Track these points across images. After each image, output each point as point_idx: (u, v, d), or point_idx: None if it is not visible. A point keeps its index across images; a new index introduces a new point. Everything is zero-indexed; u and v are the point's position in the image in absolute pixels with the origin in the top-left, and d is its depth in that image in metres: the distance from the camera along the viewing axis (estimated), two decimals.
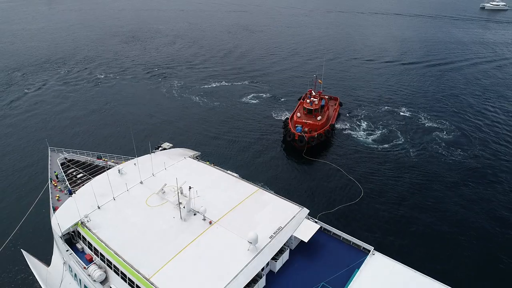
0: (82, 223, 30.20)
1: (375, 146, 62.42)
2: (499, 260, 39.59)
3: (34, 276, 38.31)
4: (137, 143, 46.94)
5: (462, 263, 39.21)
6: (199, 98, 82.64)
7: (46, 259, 38.37)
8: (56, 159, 44.10)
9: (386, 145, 62.54)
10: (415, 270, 27.33)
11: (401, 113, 74.27)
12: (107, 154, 45.34)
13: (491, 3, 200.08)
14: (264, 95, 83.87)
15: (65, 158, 45.04)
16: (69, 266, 33.05)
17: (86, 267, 28.21)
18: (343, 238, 31.13)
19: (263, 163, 57.73)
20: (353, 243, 30.54)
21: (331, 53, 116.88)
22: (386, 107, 76.93)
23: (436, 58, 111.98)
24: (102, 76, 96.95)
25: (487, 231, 43.74)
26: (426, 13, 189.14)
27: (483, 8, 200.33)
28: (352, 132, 67.00)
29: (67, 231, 30.41)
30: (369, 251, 29.28)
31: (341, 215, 45.26)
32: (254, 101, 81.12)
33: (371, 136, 65.60)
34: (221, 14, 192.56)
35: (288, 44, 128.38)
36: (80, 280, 31.71)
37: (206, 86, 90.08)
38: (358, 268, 27.83)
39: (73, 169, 43.63)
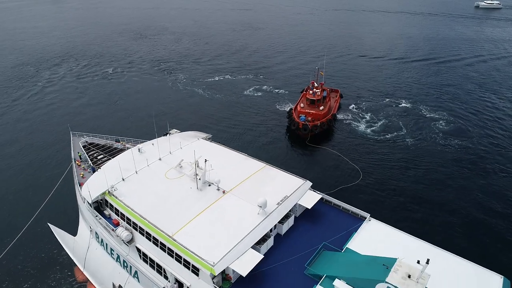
0: (109, 192, 33.85)
1: (374, 134, 65.92)
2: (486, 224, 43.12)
3: (61, 246, 42.09)
4: (146, 129, 50.31)
5: (452, 231, 42.65)
6: (204, 90, 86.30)
7: (72, 231, 42.15)
8: (78, 142, 47.88)
9: (384, 133, 66.07)
10: (407, 233, 30.78)
11: (400, 105, 77.67)
12: (124, 138, 49.03)
13: (485, 1, 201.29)
14: (268, 88, 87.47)
15: (86, 142, 48.79)
16: (96, 233, 36.82)
17: (114, 229, 31.84)
18: (343, 207, 34.61)
19: (269, 150, 61.27)
20: (351, 211, 34.01)
21: (333, 48, 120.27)
22: (385, 100, 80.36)
23: (435, 54, 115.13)
24: (112, 71, 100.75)
25: (475, 201, 47.46)
26: (421, 11, 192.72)
27: (477, 6, 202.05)
28: (352, 122, 70.49)
29: (96, 199, 34.05)
30: (366, 217, 32.76)
31: (341, 194, 48.58)
32: (258, 94, 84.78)
33: (370, 125, 69.18)
34: (225, 12, 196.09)
35: (291, 41, 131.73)
36: (106, 244, 35.49)
37: (211, 79, 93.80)
38: (356, 231, 31.34)
39: (93, 151, 47.32)
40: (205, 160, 33.76)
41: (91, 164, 43.02)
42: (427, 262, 23.37)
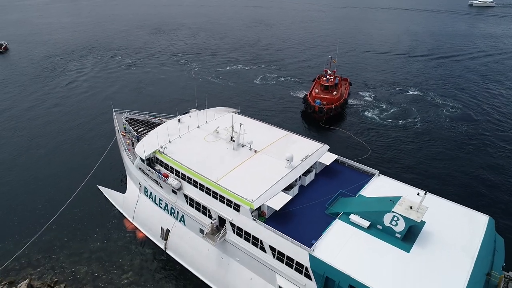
0: (159, 150, 40.38)
1: (382, 116, 72.10)
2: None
3: (110, 204, 48.83)
4: (172, 110, 55.96)
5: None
6: (221, 79, 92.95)
7: (120, 191, 48.86)
8: (120, 118, 54.72)
9: (391, 116, 72.32)
10: (411, 186, 36.72)
11: (406, 93, 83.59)
12: (160, 114, 55.65)
13: (478, 0, 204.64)
14: (281, 78, 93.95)
15: (127, 117, 55.61)
16: (145, 187, 43.49)
17: (166, 179, 38.35)
18: (356, 167, 40.75)
19: (287, 128, 66.98)
20: (363, 170, 40.11)
21: (341, 43, 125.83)
22: (391, 88, 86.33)
23: (437, 49, 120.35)
24: (136, 62, 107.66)
25: (474, 172, 53.31)
26: (416, 8, 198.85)
27: (471, 5, 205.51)
28: (361, 106, 76.66)
29: (149, 156, 40.58)
30: (375, 173, 38.86)
31: None
32: (273, 82, 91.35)
33: (378, 108, 75.44)
34: (238, 9, 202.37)
35: (302, 37, 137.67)
36: (155, 196, 42.15)
37: (227, 69, 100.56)
38: (367, 183, 37.47)
39: (135, 125, 54.14)
40: (240, 124, 40.15)
41: (136, 134, 49.73)
42: (425, 193, 29.42)
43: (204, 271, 38.05)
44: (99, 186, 51.26)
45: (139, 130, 52.62)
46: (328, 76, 74.46)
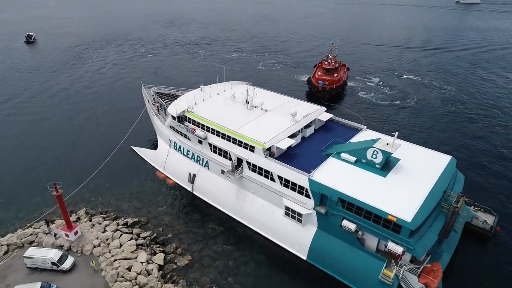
0: (188, 110, 49.58)
1: (376, 96, 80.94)
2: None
3: (144, 160, 58.13)
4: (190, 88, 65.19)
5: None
6: (231, 64, 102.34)
7: (151, 149, 58.21)
8: (149, 91, 64.00)
9: (384, 94, 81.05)
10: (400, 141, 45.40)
11: (401, 77, 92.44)
12: (183, 88, 64.80)
13: None
14: (286, 64, 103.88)
15: (154, 91, 64.84)
16: (174, 142, 52.74)
17: (194, 132, 47.49)
18: (348, 125, 49.61)
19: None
20: (354, 126, 48.95)
21: (342, 35, 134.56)
22: (386, 74, 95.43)
23: (429, 41, 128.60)
24: (153, 51, 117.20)
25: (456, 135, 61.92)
26: (407, 3, 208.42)
27: (458, 2, 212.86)
28: (359, 87, 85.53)
29: (179, 114, 49.72)
30: (363, 128, 47.71)
31: None
32: (278, 68, 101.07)
33: (374, 88, 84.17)
34: (247, 5, 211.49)
35: (305, 30, 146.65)
36: (183, 148, 51.37)
37: (236, 56, 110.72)
38: (356, 134, 46.38)
39: (161, 97, 63.34)
40: (253, 88, 49.21)
41: (164, 103, 58.98)
42: (397, 133, 38.39)
43: (225, 204, 47.23)
44: (133, 147, 60.65)
45: (165, 101, 62.00)
46: (329, 60, 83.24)
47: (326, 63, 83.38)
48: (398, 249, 33.42)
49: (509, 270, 39.42)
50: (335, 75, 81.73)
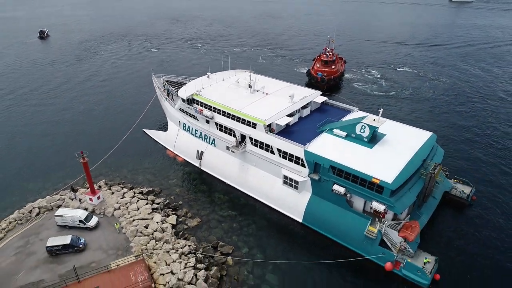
0: (196, 93, 54.85)
1: (372, 84, 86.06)
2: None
3: (155, 141, 63.50)
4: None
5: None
6: (234, 58, 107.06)
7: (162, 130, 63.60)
8: (159, 79, 69.32)
9: (379, 84, 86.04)
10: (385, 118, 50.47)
11: (396, 70, 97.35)
12: (191, 77, 70.05)
13: None
14: (287, 57, 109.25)
15: (164, 80, 70.18)
16: (184, 123, 58.03)
17: (202, 112, 52.73)
18: (341, 107, 54.71)
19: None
20: (346, 108, 54.05)
21: (341, 31, 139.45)
22: (381, 67, 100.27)
23: (425, 38, 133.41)
24: (159, 46, 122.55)
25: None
26: (402, 1, 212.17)
27: (451, 0, 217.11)
28: (355, 78, 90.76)
29: (188, 97, 54.99)
30: (354, 109, 52.81)
31: None
32: (279, 61, 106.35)
33: (369, 79, 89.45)
34: (249, 3, 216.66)
35: (306, 27, 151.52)
36: (192, 128, 56.65)
37: (239, 50, 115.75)
38: (348, 114, 51.49)
39: (171, 85, 68.72)
40: (255, 74, 54.41)
41: (173, 90, 64.32)
42: (382, 108, 43.51)
43: (229, 176, 52.50)
44: (144, 130, 66.03)
45: (174, 88, 67.36)
46: (327, 53, 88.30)
47: (324, 55, 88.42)
48: (380, 207, 38.56)
49: (482, 232, 44.47)
50: (333, 66, 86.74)
